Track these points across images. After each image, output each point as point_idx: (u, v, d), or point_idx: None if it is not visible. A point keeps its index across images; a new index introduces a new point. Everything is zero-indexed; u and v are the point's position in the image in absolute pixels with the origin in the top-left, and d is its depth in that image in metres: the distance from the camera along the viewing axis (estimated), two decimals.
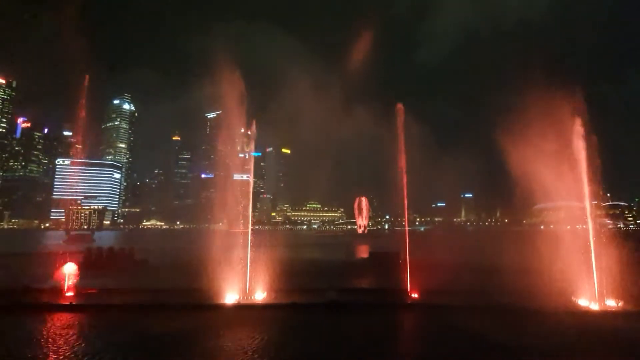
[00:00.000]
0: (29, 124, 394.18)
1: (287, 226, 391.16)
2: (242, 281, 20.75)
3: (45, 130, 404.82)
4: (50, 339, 14.42)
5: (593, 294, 18.98)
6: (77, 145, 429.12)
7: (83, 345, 13.86)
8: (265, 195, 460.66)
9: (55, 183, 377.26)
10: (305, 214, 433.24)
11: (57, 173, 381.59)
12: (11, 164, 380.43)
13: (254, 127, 24.97)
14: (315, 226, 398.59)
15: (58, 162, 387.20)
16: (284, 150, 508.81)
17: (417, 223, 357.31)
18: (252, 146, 25.29)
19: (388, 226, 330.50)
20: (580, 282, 19.49)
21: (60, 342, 14.07)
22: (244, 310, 18.99)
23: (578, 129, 20.90)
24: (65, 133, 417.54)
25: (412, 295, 21.04)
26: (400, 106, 24.96)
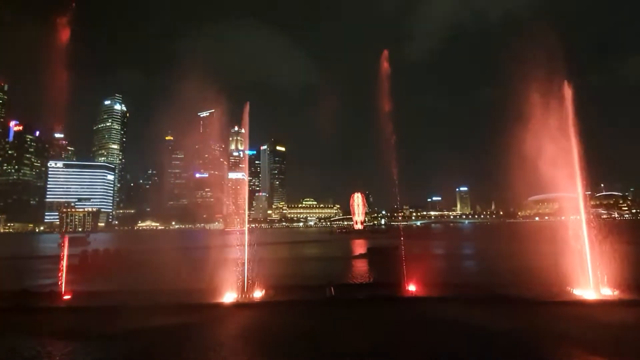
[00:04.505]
0: (21, 127, 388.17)
1: (284, 224, 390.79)
2: (241, 280, 20.71)
3: (37, 133, 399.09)
4: (48, 341, 14.32)
5: (589, 284, 19.19)
6: (68, 147, 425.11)
7: (80, 346, 13.79)
8: (260, 193, 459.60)
9: (48, 186, 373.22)
10: (301, 211, 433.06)
11: (49, 176, 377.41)
12: (5, 168, 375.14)
13: (247, 125, 24.78)
14: (311, 223, 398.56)
15: (50, 164, 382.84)
16: (278, 147, 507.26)
17: (413, 218, 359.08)
18: (247, 144, 25.10)
19: (384, 222, 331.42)
20: (576, 272, 19.68)
21: (57, 344, 13.98)
22: (242, 308, 18.94)
23: (569, 120, 21.01)
24: (57, 135, 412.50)
25: (409, 288, 21.15)
26: (385, 52, 25.04)
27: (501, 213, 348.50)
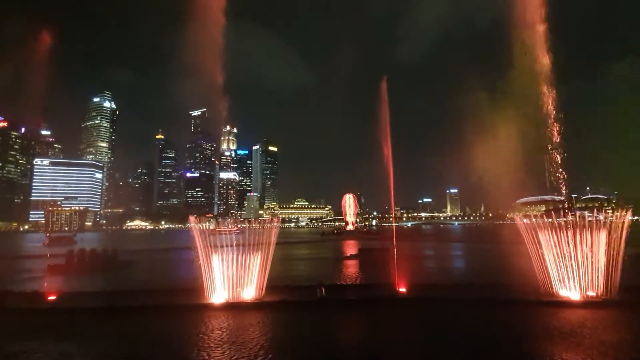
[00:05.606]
0: (5, 123, 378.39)
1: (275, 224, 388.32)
2: (231, 280, 20.50)
3: (22, 130, 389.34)
4: (30, 342, 13.97)
5: (574, 285, 19.51)
6: (55, 145, 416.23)
7: (65, 348, 13.48)
8: (252, 194, 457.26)
9: (33, 184, 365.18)
10: (293, 211, 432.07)
11: (35, 173, 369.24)
12: None
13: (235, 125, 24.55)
14: (303, 223, 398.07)
15: (36, 162, 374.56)
16: (270, 147, 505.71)
17: (404, 219, 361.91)
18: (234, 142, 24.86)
19: (376, 223, 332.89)
20: (562, 273, 19.99)
21: (40, 346, 13.65)
22: (232, 309, 18.77)
23: (556, 125, 21.40)
24: (43, 132, 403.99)
25: (400, 289, 21.23)
26: (384, 83, 25.08)
27: (490, 215, 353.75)
